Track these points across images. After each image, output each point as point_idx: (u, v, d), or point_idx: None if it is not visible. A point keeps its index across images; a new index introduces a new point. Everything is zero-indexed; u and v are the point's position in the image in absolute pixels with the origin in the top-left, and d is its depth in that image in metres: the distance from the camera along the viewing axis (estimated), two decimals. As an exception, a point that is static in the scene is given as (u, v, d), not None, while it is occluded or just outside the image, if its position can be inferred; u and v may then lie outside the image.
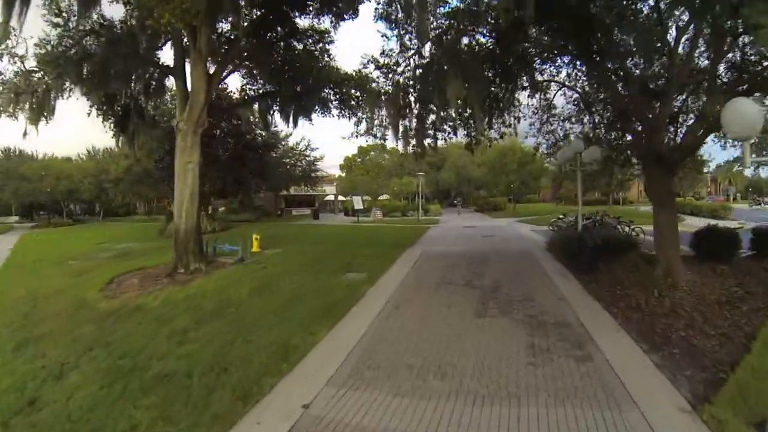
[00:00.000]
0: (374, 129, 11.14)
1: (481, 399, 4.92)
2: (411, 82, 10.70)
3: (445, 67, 8.78)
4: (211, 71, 14.53)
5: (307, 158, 43.65)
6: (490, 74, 10.97)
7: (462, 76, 8.42)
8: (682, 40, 10.48)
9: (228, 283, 11.31)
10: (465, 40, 9.89)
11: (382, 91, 10.95)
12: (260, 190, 38.92)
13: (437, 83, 9.39)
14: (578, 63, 13.95)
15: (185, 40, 14.02)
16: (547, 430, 4.28)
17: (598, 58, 10.04)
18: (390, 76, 10.90)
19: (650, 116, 10.61)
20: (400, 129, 10.92)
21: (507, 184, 44.54)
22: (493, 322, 7.76)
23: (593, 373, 5.48)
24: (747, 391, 4.69)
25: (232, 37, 14.75)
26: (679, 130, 12.37)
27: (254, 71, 17.63)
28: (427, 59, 9.99)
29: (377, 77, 11.21)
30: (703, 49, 11.80)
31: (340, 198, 56.74)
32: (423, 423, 4.46)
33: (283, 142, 41.68)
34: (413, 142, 11.63)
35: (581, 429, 4.26)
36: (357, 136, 11.64)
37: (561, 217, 22.60)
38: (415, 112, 11.17)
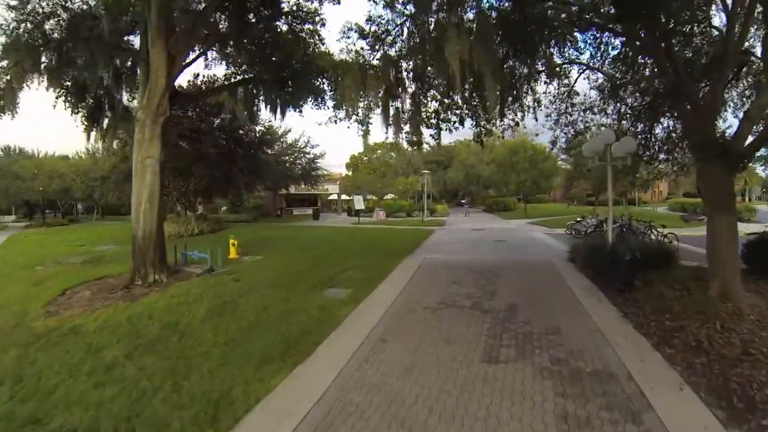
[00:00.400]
0: (357, 113, 8.95)
1: None
2: (404, 54, 8.57)
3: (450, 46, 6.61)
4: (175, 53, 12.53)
5: (307, 156, 41.73)
6: (504, 48, 8.90)
7: (466, 34, 6.25)
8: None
9: (184, 301, 9.42)
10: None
11: (368, 65, 8.77)
12: (254, 189, 36.99)
13: (436, 55, 7.27)
14: (604, 40, 11.95)
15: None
16: None
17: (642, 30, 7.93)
18: (378, 47, 8.77)
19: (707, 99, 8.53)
20: (391, 111, 8.75)
21: (517, 183, 42.23)
22: (508, 370, 5.63)
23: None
24: None
25: (199, 9, 12.71)
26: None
27: (231, 54, 15.56)
28: (424, 25, 7.81)
29: (362, 49, 9.09)
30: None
31: (344, 197, 54.75)
32: None
33: (282, 139, 39.83)
34: (406, 128, 9.47)
35: None
36: (336, 121, 9.55)
37: (579, 219, 20.39)
38: (410, 91, 9.02)
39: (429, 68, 8.09)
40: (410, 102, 9.17)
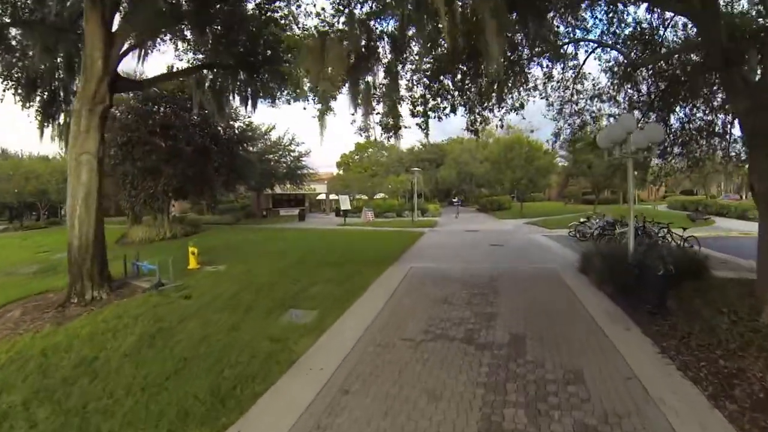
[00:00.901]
0: (320, 89, 6.91)
1: None
2: (375, 11, 6.64)
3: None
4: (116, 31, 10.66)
5: (292, 154, 39.73)
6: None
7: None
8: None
9: (114, 327, 7.70)
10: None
11: (330, 31, 6.80)
12: (233, 188, 34.90)
13: (416, 9, 5.38)
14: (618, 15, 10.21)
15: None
16: None
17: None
18: (344, 6, 6.84)
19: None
20: (361, 86, 6.79)
21: (513, 181, 40.36)
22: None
23: None
24: None
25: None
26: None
27: (190, 39, 13.65)
28: None
29: (323, 11, 7.13)
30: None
31: (332, 197, 52.78)
32: None
33: (265, 137, 37.85)
34: (380, 108, 7.54)
35: None
36: (290, 101, 7.62)
37: (583, 220, 18.56)
38: (385, 61, 7.11)
39: (408, 31, 6.19)
40: (385, 75, 7.24)
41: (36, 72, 13.06)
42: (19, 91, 13.42)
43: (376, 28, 6.80)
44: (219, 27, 12.92)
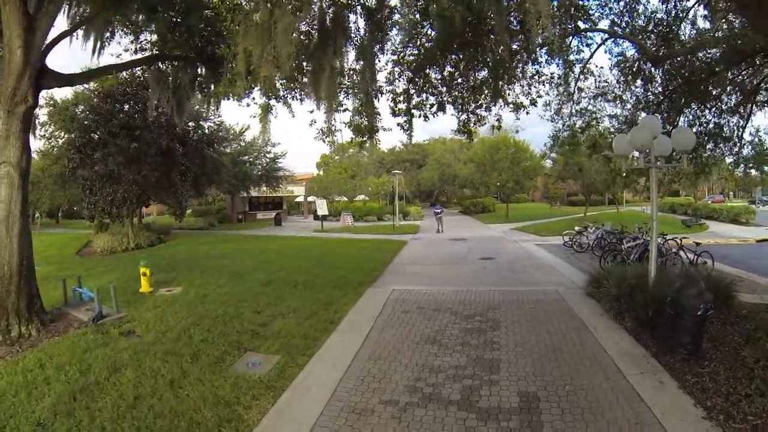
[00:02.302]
0: (263, 76, 5.27)
1: None
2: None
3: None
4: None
5: (268, 155, 38.10)
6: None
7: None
8: None
9: (33, 380, 6.10)
10: None
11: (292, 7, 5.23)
12: (203, 193, 33.09)
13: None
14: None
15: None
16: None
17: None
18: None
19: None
20: (325, 73, 5.18)
21: (499, 182, 39.18)
22: None
23: None
24: None
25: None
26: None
27: (132, 25, 11.87)
28: None
29: None
30: None
31: (310, 199, 51.16)
32: None
33: (240, 138, 36.21)
34: (349, 104, 6.04)
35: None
36: (234, 97, 6.08)
37: (580, 230, 17.30)
38: (357, 40, 5.55)
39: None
40: (357, 58, 5.74)
41: None
42: None
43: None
44: (172, 11, 11.24)
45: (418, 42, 6.73)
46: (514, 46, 7.43)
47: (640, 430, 4.48)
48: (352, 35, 5.53)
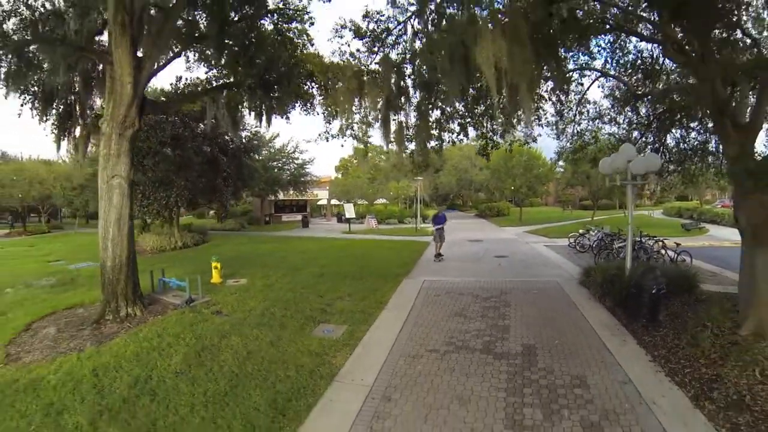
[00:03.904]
0: (354, 127, 7.76)
1: None
2: (407, 58, 7.46)
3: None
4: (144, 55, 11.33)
5: (296, 161, 40.63)
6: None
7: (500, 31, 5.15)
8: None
9: (157, 345, 8.09)
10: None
11: (365, 70, 7.63)
12: (240, 196, 35.72)
13: (450, 54, 6.16)
14: (621, 45, 11.13)
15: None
16: None
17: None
18: (377, 48, 7.68)
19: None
20: (392, 126, 7.60)
21: (513, 189, 41.37)
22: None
23: None
24: None
25: (171, 5, 11.41)
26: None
27: (211, 57, 14.34)
28: (435, 19, 6.67)
29: (357, 51, 7.95)
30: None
31: (334, 202, 53.54)
32: None
33: (269, 144, 38.73)
34: (412, 145, 8.38)
35: None
36: (327, 138, 8.45)
37: (583, 232, 19.45)
38: (414, 101, 7.89)
39: (438, 75, 6.95)
40: (415, 115, 8.04)
41: (52, 87, 13.54)
42: (36, 105, 13.89)
43: (406, 69, 7.59)
44: (237, 47, 13.62)
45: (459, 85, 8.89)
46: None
47: (604, 367, 6.72)
48: (412, 99, 7.86)
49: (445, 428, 5.14)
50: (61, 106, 14.12)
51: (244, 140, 29.58)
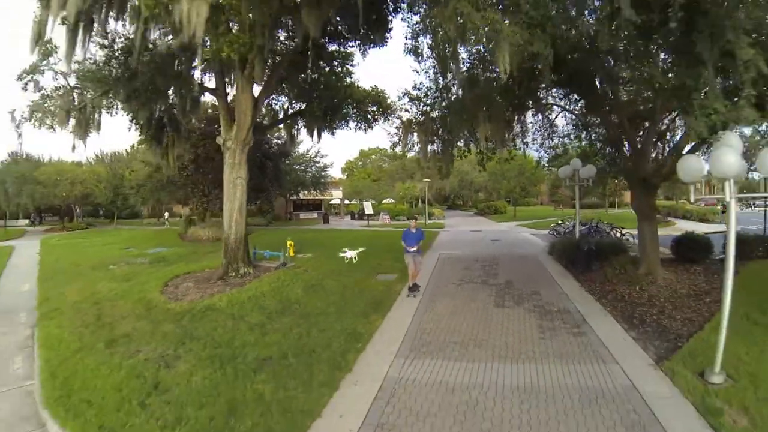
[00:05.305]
0: (408, 149, 13.28)
1: (511, 361, 7.05)
2: (439, 114, 12.70)
3: (470, 106, 10.71)
4: (256, 94, 16.23)
5: (317, 164, 45.58)
6: (505, 107, 12.93)
7: (488, 117, 10.47)
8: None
9: (280, 285, 12.61)
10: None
11: (414, 120, 13.04)
12: (276, 196, 40.53)
13: (462, 116, 11.38)
14: (576, 94, 16.18)
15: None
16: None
17: (590, 96, 12.24)
18: (421, 107, 12.99)
19: (638, 140, 12.73)
20: (429, 153, 12.98)
21: (507, 189, 46.66)
22: (512, 312, 9.92)
23: (588, 345, 7.63)
24: (695, 354, 6.80)
25: (276, 61, 16.55)
26: (666, 146, 14.19)
27: (287, 92, 19.55)
28: (455, 95, 11.93)
29: (409, 106, 13.35)
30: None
31: (347, 201, 58.23)
32: None
33: (294, 149, 43.62)
34: (440, 164, 13.72)
35: (579, 377, 6.39)
36: (394, 151, 13.65)
37: (560, 222, 24.71)
38: (443, 137, 13.08)
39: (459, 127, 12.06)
40: (441, 145, 13.29)
41: (152, 110, 17.41)
42: (140, 123, 18.09)
43: (437, 120, 12.82)
44: (310, 86, 18.63)
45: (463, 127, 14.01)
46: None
47: (551, 288, 11.93)
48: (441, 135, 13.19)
49: (466, 313, 10.17)
50: (155, 122, 18.33)
51: (277, 147, 34.25)
